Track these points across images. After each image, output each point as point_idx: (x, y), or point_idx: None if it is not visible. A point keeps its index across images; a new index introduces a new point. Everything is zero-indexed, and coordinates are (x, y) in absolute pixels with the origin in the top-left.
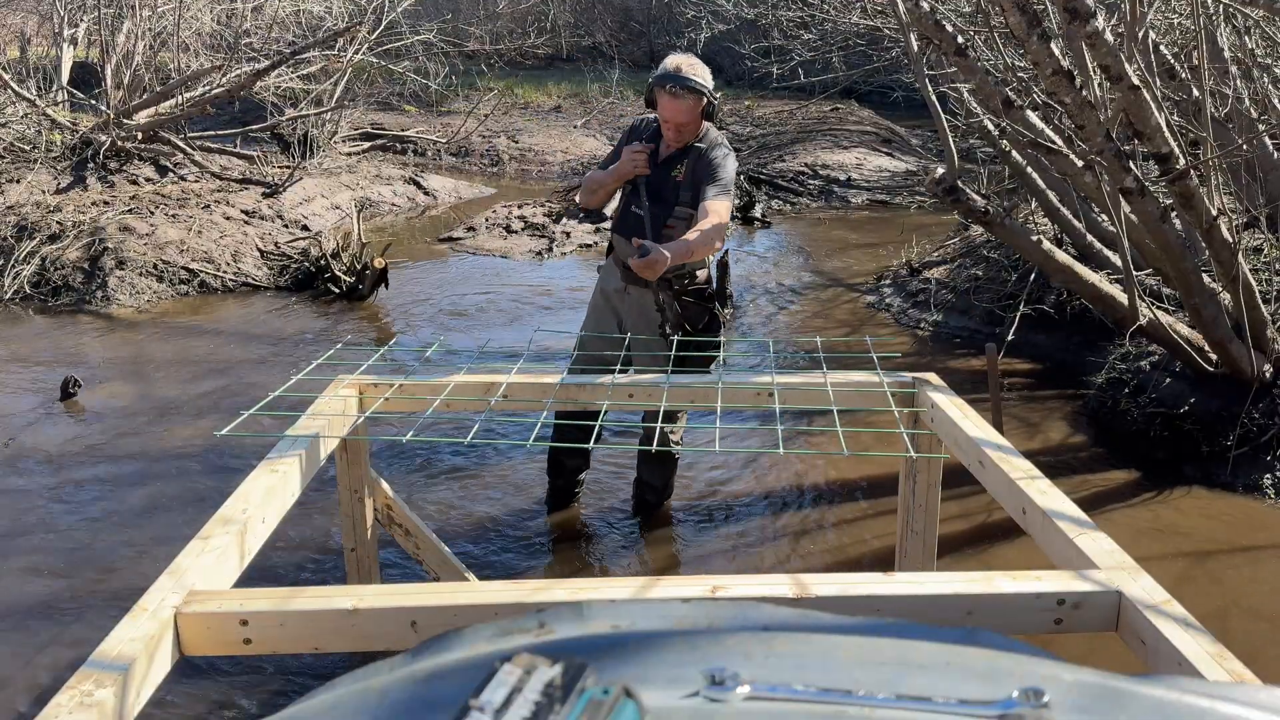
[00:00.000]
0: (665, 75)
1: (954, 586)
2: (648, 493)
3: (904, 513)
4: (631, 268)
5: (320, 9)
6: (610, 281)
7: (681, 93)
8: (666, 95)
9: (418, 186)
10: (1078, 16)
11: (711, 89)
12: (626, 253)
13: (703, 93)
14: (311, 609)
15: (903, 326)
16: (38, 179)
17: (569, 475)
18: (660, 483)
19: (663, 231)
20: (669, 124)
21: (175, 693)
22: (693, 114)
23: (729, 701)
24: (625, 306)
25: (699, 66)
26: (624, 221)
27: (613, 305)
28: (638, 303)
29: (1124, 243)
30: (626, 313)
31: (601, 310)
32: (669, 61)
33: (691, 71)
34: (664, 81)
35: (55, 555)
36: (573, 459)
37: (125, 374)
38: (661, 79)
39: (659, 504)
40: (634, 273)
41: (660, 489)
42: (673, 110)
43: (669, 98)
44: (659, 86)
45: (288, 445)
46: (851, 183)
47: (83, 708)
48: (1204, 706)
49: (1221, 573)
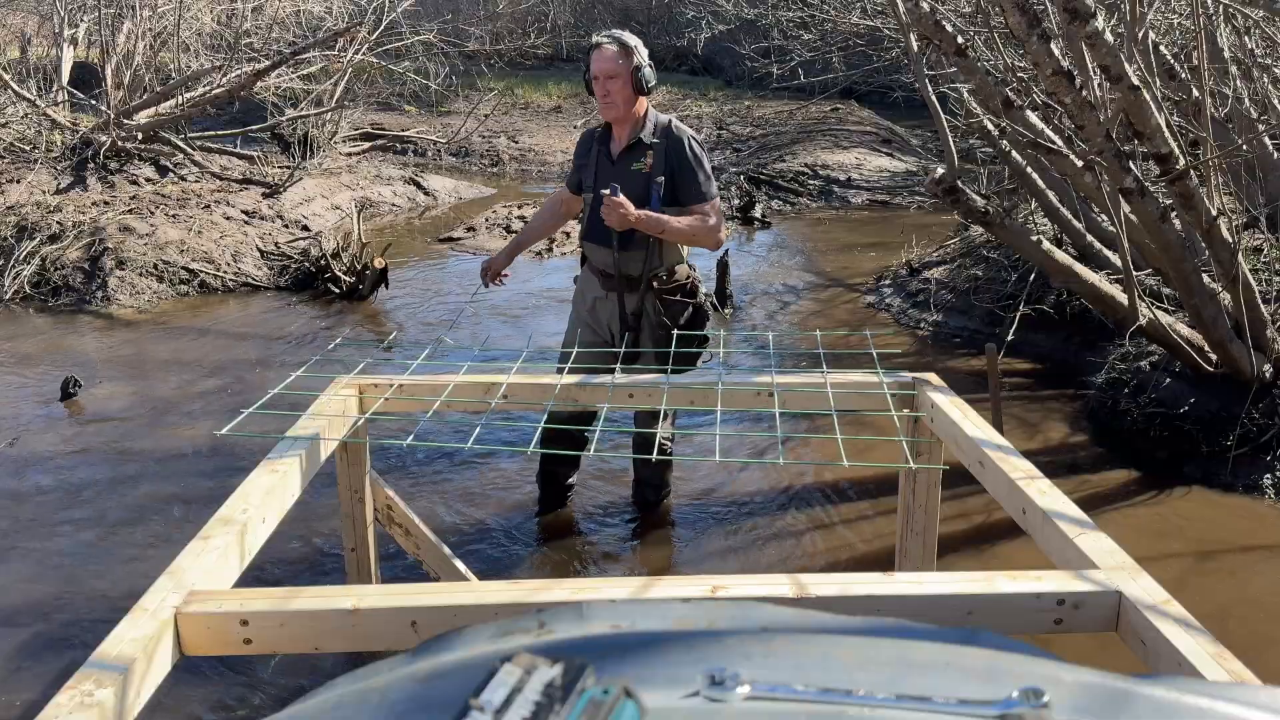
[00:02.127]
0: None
1: (954, 586)
2: (648, 492)
3: (904, 513)
4: (602, 214)
5: (320, 9)
6: (590, 289)
7: (606, 41)
8: (594, 52)
9: (418, 187)
10: (1078, 16)
11: (645, 57)
12: (602, 259)
13: (628, 46)
14: (311, 609)
15: (903, 326)
16: (38, 179)
17: (560, 485)
18: (658, 480)
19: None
20: (598, 80)
21: (175, 693)
22: (617, 66)
23: (729, 701)
24: (607, 314)
25: (624, 32)
26: (594, 228)
27: (595, 313)
28: (613, 307)
29: (1124, 243)
30: (610, 319)
31: (585, 320)
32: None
33: (620, 34)
34: (593, 42)
35: (55, 555)
36: (564, 467)
37: (125, 374)
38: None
39: (659, 501)
40: (614, 279)
41: (659, 486)
42: (599, 62)
43: (595, 52)
44: (590, 49)
45: (288, 445)
46: (851, 183)
47: (83, 708)
48: (1204, 706)
49: (1221, 573)
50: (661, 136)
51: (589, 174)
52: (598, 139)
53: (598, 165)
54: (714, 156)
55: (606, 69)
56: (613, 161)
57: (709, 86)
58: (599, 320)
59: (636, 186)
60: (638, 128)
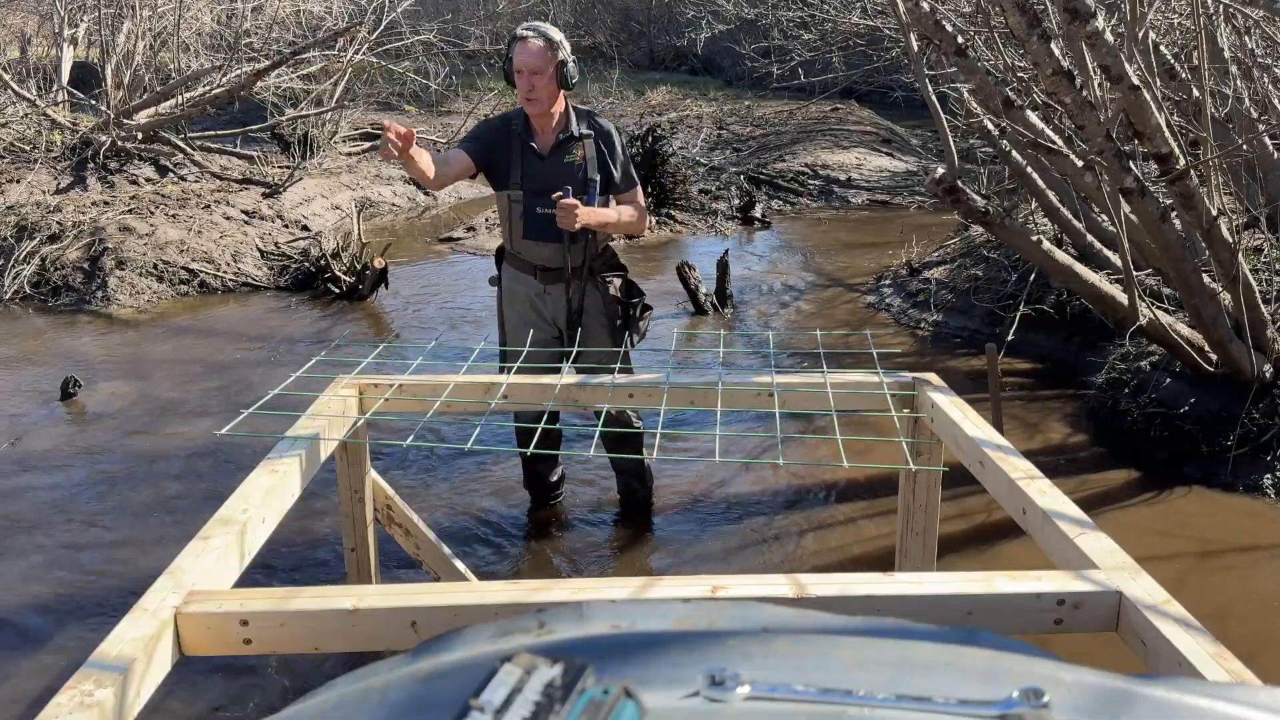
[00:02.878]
0: (518, 30)
1: (954, 586)
2: (633, 483)
3: (904, 513)
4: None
5: (320, 9)
6: (524, 287)
7: (531, 35)
8: (518, 45)
9: (418, 187)
10: (1078, 16)
11: (569, 52)
12: (547, 256)
13: (554, 40)
14: (311, 609)
15: (903, 326)
16: (38, 179)
17: (545, 483)
18: (638, 468)
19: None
20: (522, 74)
21: (175, 693)
22: (543, 61)
23: (729, 702)
24: (551, 308)
25: (548, 26)
26: (536, 226)
27: (538, 309)
28: (559, 300)
29: (1124, 243)
30: (556, 313)
31: (528, 319)
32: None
33: (545, 27)
34: (517, 35)
35: (55, 555)
36: (544, 464)
37: (125, 374)
38: (515, 35)
39: (647, 494)
40: (552, 272)
41: (640, 474)
42: (524, 56)
43: (520, 45)
44: (513, 41)
45: (288, 445)
46: (851, 183)
47: (83, 708)
48: (1204, 706)
49: (1221, 573)
50: (590, 128)
51: (515, 170)
52: (516, 132)
53: (524, 161)
54: (714, 156)
55: (532, 64)
56: (541, 157)
57: (709, 86)
58: (543, 315)
59: (571, 180)
60: (563, 122)
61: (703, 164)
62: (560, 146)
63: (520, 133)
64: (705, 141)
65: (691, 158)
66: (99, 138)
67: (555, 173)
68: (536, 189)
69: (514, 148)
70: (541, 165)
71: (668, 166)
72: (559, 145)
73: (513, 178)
